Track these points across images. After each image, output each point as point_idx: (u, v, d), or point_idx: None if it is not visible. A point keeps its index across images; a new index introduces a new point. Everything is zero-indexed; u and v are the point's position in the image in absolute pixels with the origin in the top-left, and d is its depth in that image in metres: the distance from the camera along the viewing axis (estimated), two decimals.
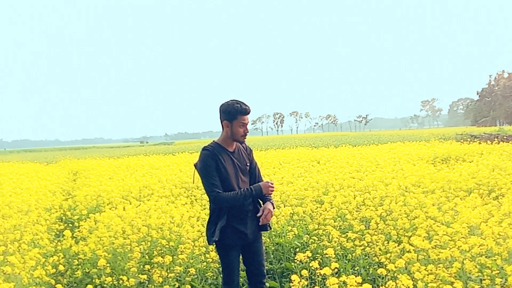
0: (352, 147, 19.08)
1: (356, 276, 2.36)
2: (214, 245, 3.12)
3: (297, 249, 4.37)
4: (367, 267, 3.95)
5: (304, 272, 2.58)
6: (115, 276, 3.84)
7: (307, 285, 2.47)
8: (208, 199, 3.09)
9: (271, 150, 20.30)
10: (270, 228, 3.24)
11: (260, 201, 3.14)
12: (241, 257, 3.17)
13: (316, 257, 3.93)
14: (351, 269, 3.89)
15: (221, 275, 3.10)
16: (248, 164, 3.17)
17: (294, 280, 2.40)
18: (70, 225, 6.43)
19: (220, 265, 3.29)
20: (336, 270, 2.49)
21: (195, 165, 3.08)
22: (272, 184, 3.05)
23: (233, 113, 2.93)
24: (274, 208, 3.10)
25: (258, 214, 3.03)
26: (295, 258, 3.00)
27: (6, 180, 10.37)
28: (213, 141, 3.10)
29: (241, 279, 3.99)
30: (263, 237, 4.44)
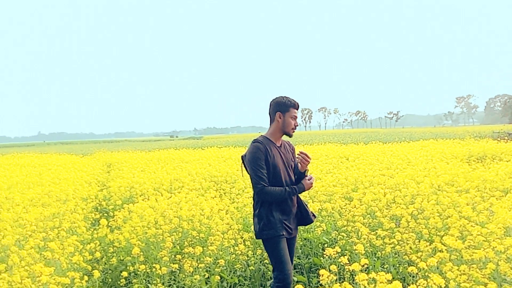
0: (382, 144, 18.73)
1: (386, 273, 2.35)
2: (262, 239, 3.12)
3: (325, 245, 4.37)
4: (397, 265, 3.91)
5: (333, 267, 2.59)
6: (148, 264, 3.99)
7: (336, 280, 2.48)
8: (250, 194, 3.16)
9: (299, 146, 20.24)
10: (314, 219, 3.30)
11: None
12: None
13: (345, 253, 3.92)
14: (380, 266, 3.86)
15: (272, 269, 3.07)
16: (293, 160, 3.27)
17: (322, 275, 2.42)
18: (105, 214, 6.70)
19: (268, 259, 3.29)
20: (365, 266, 2.49)
21: (242, 157, 3.15)
22: (312, 178, 3.16)
23: (286, 105, 3.08)
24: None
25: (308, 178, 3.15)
26: (324, 253, 3.01)
27: (45, 170, 10.89)
28: (261, 135, 3.17)
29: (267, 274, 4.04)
30: None
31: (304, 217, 3.23)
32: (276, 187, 2.99)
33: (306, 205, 3.28)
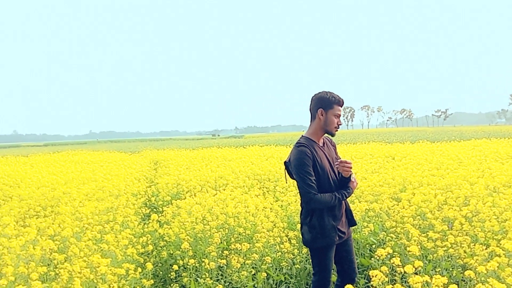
0: (430, 143, 17.96)
1: (442, 277, 2.27)
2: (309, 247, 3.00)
3: (373, 246, 4.28)
4: (450, 269, 3.75)
5: (384, 269, 2.53)
6: (197, 258, 4.10)
7: (387, 282, 2.43)
8: (294, 193, 3.05)
9: (342, 145, 19.89)
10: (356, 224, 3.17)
11: None
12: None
13: (394, 255, 3.82)
14: (431, 270, 3.72)
15: (313, 273, 2.97)
16: (337, 158, 3.07)
17: (374, 276, 2.38)
18: (154, 210, 6.96)
19: (311, 266, 3.09)
20: (420, 268, 2.42)
21: (286, 163, 2.97)
22: (355, 179, 2.98)
23: (329, 101, 2.84)
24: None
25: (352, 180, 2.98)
26: (375, 253, 2.95)
27: (98, 167, 11.49)
28: (302, 136, 2.97)
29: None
30: None
31: (350, 220, 3.08)
32: (326, 194, 2.80)
33: (349, 207, 3.15)
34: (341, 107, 2.91)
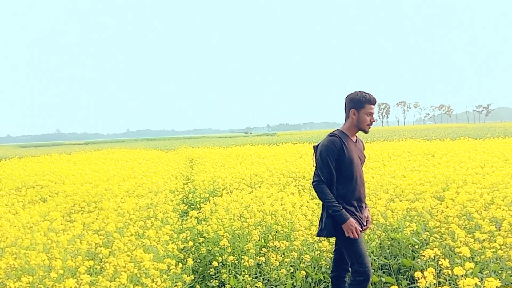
0: (472, 140, 17.20)
1: (495, 279, 2.16)
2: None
3: (416, 246, 4.15)
4: (499, 271, 3.57)
5: (431, 270, 2.44)
6: (235, 255, 4.13)
7: (435, 284, 2.34)
8: None
9: (378, 142, 19.40)
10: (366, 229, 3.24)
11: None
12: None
13: (440, 256, 3.68)
14: (479, 272, 3.56)
15: (350, 264, 3.02)
16: (364, 157, 3.20)
17: (421, 277, 2.29)
18: (191, 206, 7.08)
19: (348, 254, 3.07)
20: (471, 270, 2.31)
21: (315, 147, 3.12)
22: (358, 229, 2.91)
23: (361, 101, 2.98)
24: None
25: (365, 226, 3.08)
26: (420, 254, 2.85)
27: (136, 164, 11.83)
28: (337, 129, 3.11)
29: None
30: (378, 232, 4.35)
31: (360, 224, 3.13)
32: (330, 194, 2.91)
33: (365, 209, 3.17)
34: (374, 105, 3.03)
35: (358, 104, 2.99)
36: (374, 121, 3.06)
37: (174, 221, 5.27)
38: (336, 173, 2.95)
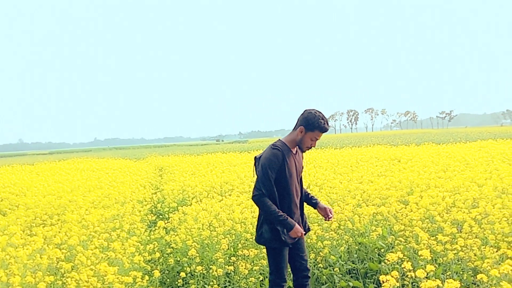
0: (436, 145, 17.89)
1: (454, 281, 2.23)
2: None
3: (382, 250, 4.23)
4: (461, 272, 3.69)
5: (395, 273, 2.49)
6: (204, 265, 4.07)
7: (399, 287, 2.38)
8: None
9: (346, 148, 19.82)
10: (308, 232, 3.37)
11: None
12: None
13: (404, 259, 3.77)
14: (441, 274, 3.67)
15: (269, 272, 3.12)
16: (303, 167, 3.25)
17: (385, 281, 2.33)
18: (160, 216, 6.94)
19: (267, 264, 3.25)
20: (432, 273, 2.37)
21: (256, 158, 3.13)
22: (303, 233, 3.04)
23: (313, 126, 2.96)
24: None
25: (329, 217, 3.22)
26: (386, 258, 2.91)
27: (103, 174, 11.50)
28: (279, 139, 3.12)
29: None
30: (346, 237, 4.41)
31: (303, 226, 3.25)
32: (273, 206, 2.91)
33: (304, 217, 3.27)
34: (323, 133, 3.05)
35: (310, 126, 2.97)
36: (314, 146, 3.09)
37: (141, 232, 5.15)
38: (275, 184, 2.97)
